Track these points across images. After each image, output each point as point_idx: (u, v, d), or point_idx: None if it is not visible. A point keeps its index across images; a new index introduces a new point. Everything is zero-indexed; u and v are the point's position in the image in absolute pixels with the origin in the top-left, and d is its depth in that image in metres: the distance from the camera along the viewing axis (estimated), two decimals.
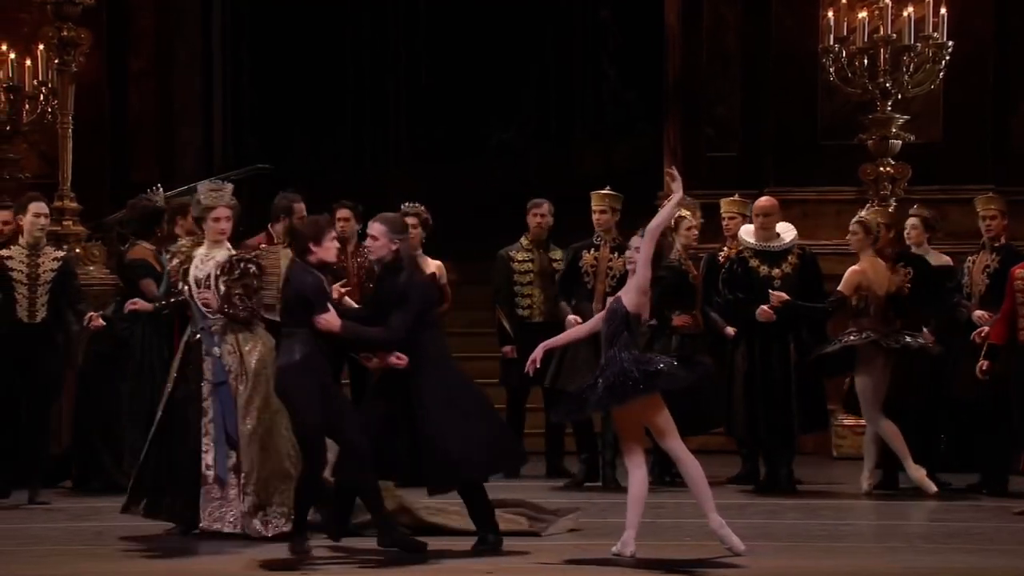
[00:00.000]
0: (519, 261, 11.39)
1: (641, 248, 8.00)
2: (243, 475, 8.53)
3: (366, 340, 8.25)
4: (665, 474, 10.42)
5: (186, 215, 9.97)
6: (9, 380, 9.92)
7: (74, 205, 12.60)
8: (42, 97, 12.54)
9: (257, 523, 8.52)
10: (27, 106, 12.56)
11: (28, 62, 12.51)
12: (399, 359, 8.09)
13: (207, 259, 8.74)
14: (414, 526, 8.48)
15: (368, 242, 8.29)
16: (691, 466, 7.95)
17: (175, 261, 9.01)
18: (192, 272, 8.77)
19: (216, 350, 8.60)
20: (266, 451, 8.55)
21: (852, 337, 10.22)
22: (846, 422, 12.24)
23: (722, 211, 11.17)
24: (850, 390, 10.65)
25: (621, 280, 10.23)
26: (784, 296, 10.25)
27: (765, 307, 10.25)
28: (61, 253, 10.25)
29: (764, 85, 13.87)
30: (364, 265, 11.28)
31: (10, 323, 9.92)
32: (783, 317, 10.26)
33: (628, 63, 17.23)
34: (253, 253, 8.72)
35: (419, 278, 8.38)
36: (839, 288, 10.29)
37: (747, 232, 10.60)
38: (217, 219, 8.76)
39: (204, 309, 8.65)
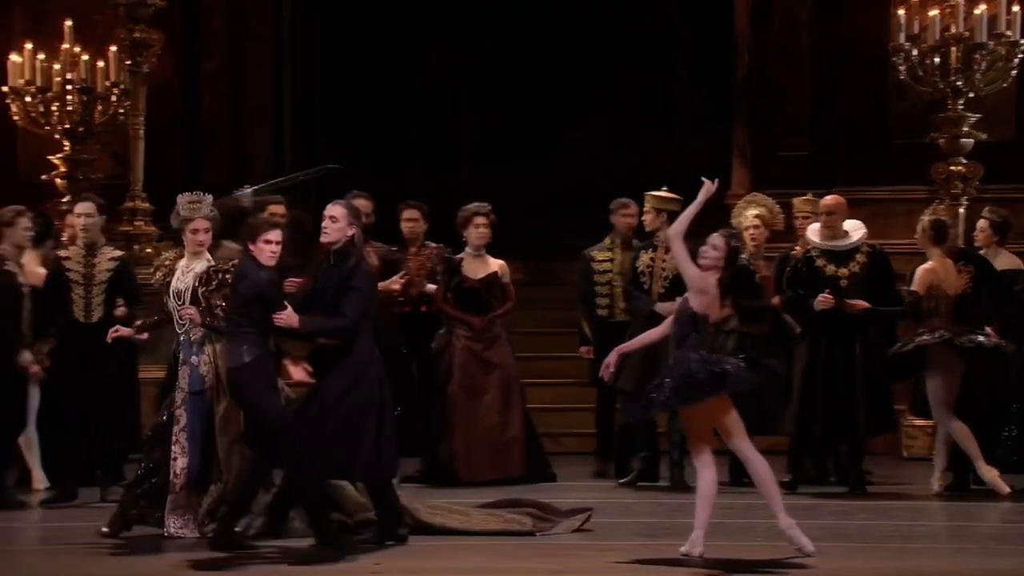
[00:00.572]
0: (599, 261, 11.30)
1: (673, 252, 7.97)
2: (222, 485, 8.52)
3: (325, 331, 8.22)
4: (742, 476, 10.40)
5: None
6: (71, 380, 9.99)
7: (146, 206, 12.73)
8: (114, 98, 12.65)
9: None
10: (100, 107, 12.66)
11: (101, 63, 12.62)
12: (309, 375, 8.23)
13: (187, 271, 8.78)
14: (414, 526, 8.48)
15: (326, 223, 8.24)
16: (760, 466, 7.91)
17: (158, 274, 9.09)
18: (173, 284, 8.83)
19: (194, 359, 8.65)
20: (247, 461, 8.47)
21: (925, 337, 10.13)
22: (916, 422, 12.15)
23: (795, 210, 11.10)
24: (919, 391, 10.56)
25: (674, 281, 10.27)
26: (864, 304, 10.18)
27: (822, 296, 10.16)
28: (118, 253, 10.30)
29: (835, 84, 13.80)
30: (425, 265, 11.33)
31: (67, 323, 10.02)
32: (852, 319, 10.18)
33: (698, 62, 17.16)
34: (232, 263, 8.69)
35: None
36: (913, 288, 10.21)
37: (813, 231, 10.54)
38: (195, 231, 8.79)
39: (187, 323, 8.65)
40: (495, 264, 11.09)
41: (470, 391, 10.88)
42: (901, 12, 12.19)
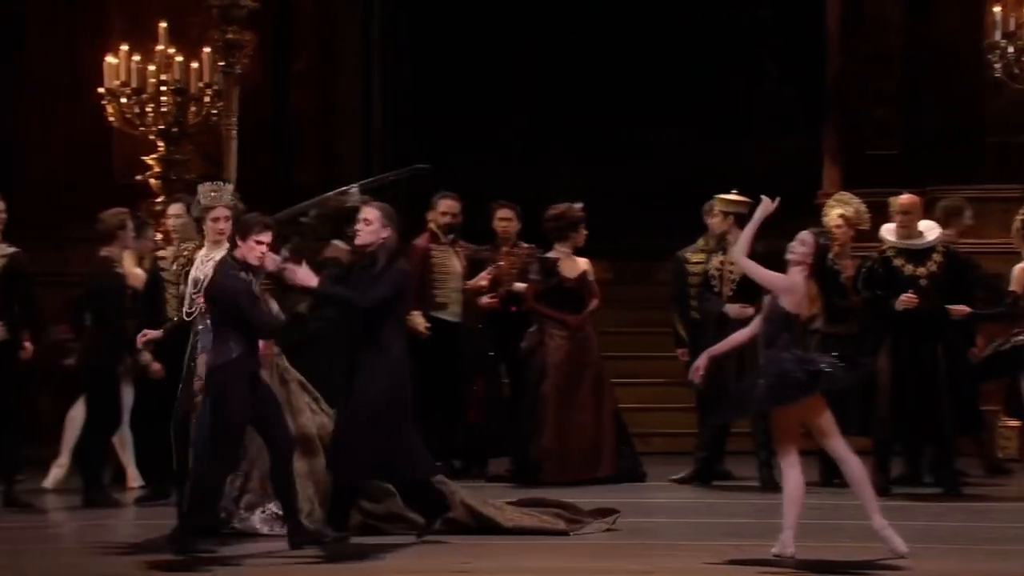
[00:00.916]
0: (693, 263, 11.21)
1: (745, 270, 7.94)
2: (243, 473, 8.57)
3: (335, 298, 8.42)
4: (832, 476, 10.33)
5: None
6: (164, 378, 9.99)
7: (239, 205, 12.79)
8: (207, 99, 12.75)
9: (256, 520, 8.55)
10: (193, 108, 12.77)
11: (195, 65, 12.74)
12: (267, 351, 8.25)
13: (207, 260, 8.80)
14: (465, 520, 8.51)
15: (359, 226, 8.31)
16: (855, 467, 7.86)
17: (175, 265, 9.12)
18: (192, 273, 8.88)
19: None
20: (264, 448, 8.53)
21: (1021, 337, 10.02)
22: (1010, 423, 12.00)
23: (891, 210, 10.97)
24: (1013, 392, 10.44)
25: (741, 284, 10.28)
26: (965, 309, 10.09)
27: (905, 296, 10.07)
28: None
29: (926, 83, 13.68)
30: (516, 264, 11.35)
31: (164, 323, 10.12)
32: (933, 319, 10.09)
33: (788, 62, 17.06)
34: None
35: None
36: (1011, 288, 10.10)
37: (888, 231, 10.46)
38: (216, 219, 8.82)
39: (196, 312, 8.69)
40: (583, 263, 11.10)
41: (564, 391, 10.87)
42: (997, 9, 12.05)
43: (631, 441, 11.24)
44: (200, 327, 8.73)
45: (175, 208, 10.29)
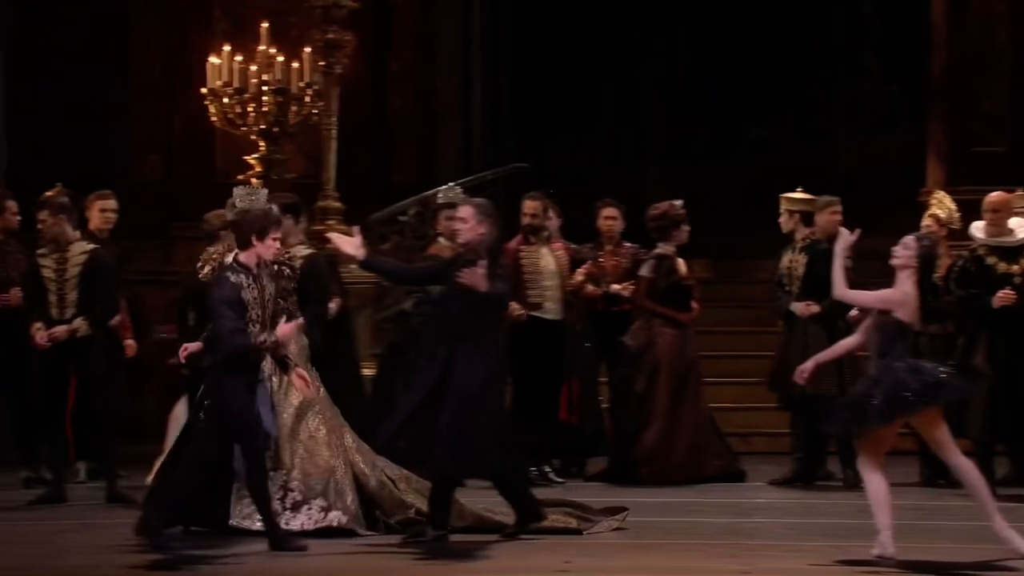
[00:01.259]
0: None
1: (851, 301, 7.90)
2: (283, 472, 8.55)
3: (384, 270, 8.96)
4: (938, 477, 10.21)
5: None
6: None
7: (337, 205, 12.86)
8: (308, 99, 12.82)
9: (303, 518, 8.51)
10: (294, 108, 12.84)
11: (295, 64, 12.82)
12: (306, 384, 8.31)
13: None
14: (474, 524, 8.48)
15: (457, 224, 8.44)
16: (970, 472, 7.79)
17: (206, 268, 9.11)
18: None
19: None
20: (307, 445, 8.55)
21: None
22: None
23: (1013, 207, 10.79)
24: None
25: (806, 282, 10.35)
26: None
27: (1003, 292, 9.97)
28: (307, 252, 10.44)
29: None
30: (621, 263, 11.30)
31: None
32: None
33: (890, 57, 16.87)
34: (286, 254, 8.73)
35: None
36: None
37: (978, 228, 10.31)
38: None
39: None
40: (682, 262, 11.04)
41: (674, 390, 10.81)
42: None
43: (726, 440, 11.17)
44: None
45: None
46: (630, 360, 10.93)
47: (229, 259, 8.53)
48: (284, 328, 8.13)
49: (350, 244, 8.37)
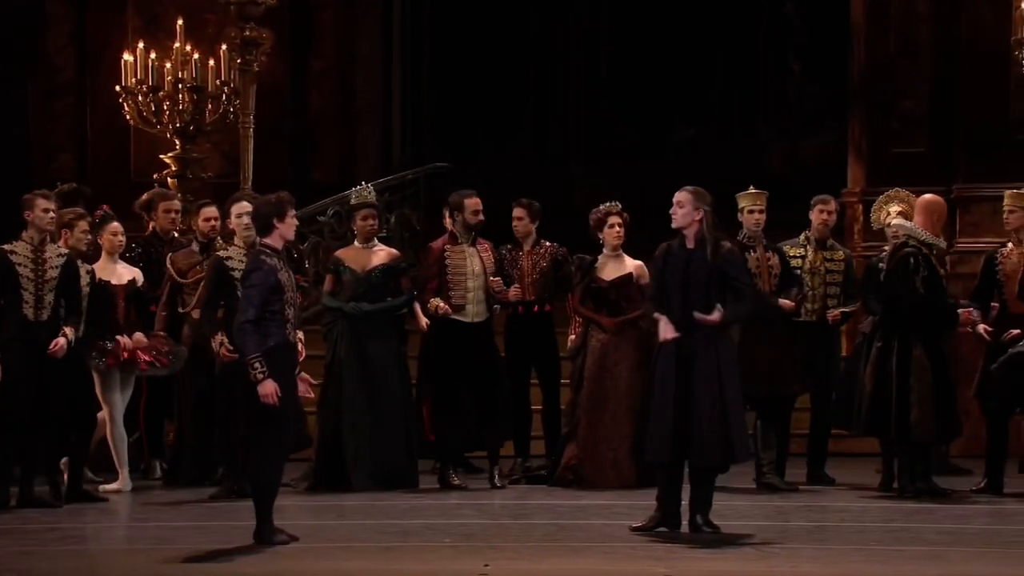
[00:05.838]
0: (790, 257, 10.90)
1: None
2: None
3: (743, 316, 8.79)
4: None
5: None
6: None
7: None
8: (224, 97, 12.67)
9: None
10: (210, 106, 12.69)
11: (212, 62, 12.65)
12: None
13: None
14: None
15: (673, 210, 8.52)
16: None
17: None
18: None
19: None
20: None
21: None
22: None
23: (1005, 204, 10.77)
24: None
25: (781, 279, 10.45)
26: None
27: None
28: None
29: (955, 79, 13.47)
30: (539, 264, 11.20)
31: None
32: None
33: (813, 57, 16.89)
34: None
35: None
36: None
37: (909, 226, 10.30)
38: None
39: None
40: (631, 265, 10.85)
41: (594, 395, 10.68)
42: None
43: None
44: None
45: (242, 207, 10.14)
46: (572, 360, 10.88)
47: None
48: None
49: (668, 329, 8.38)
